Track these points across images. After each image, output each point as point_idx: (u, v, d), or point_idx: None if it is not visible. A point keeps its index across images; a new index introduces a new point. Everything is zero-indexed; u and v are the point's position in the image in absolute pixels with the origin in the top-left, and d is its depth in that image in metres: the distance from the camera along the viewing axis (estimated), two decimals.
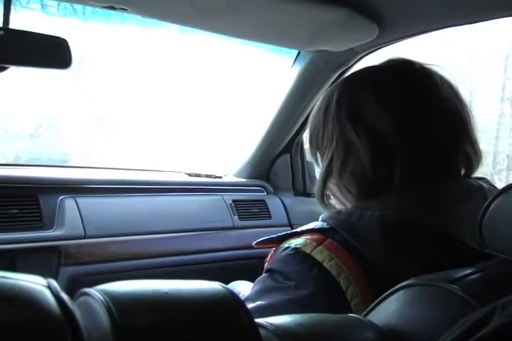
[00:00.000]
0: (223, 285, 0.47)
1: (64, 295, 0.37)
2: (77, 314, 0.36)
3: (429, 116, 0.88)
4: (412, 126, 0.87)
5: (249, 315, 0.45)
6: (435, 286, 0.60)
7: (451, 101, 0.90)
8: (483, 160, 0.93)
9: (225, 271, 1.73)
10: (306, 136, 2.00)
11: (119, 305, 0.40)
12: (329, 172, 0.92)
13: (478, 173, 0.94)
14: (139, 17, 1.40)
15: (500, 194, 0.64)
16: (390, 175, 0.86)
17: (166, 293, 0.43)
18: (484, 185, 0.89)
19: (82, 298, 0.42)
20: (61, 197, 1.55)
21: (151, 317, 0.41)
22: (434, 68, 0.93)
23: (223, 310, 0.44)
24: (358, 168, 0.88)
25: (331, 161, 0.91)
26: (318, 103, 0.98)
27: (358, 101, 0.89)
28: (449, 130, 0.88)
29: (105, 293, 0.41)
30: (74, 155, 2.68)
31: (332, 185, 0.93)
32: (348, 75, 0.98)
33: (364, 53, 1.65)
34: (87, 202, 1.59)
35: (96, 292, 0.41)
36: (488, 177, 0.95)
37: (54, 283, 0.38)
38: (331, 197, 0.96)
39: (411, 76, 0.91)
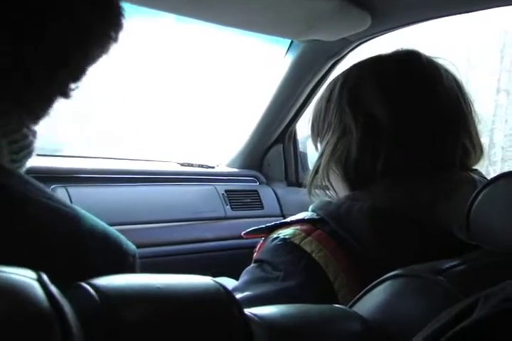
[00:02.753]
0: (215, 279, 0.47)
1: (53, 289, 0.37)
2: (67, 308, 0.36)
3: (428, 107, 0.88)
4: (410, 116, 0.87)
5: (241, 309, 0.45)
6: (420, 277, 0.60)
7: (454, 94, 0.90)
8: (484, 154, 0.93)
9: (217, 261, 1.73)
10: (299, 125, 2.00)
11: (110, 299, 0.40)
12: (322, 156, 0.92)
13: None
14: (132, 5, 1.38)
15: (487, 185, 0.65)
16: (374, 162, 0.86)
17: (158, 287, 0.43)
18: (475, 176, 0.89)
19: (73, 292, 0.42)
20: (52, 186, 1.54)
21: (143, 312, 0.41)
22: (440, 61, 0.93)
23: (215, 305, 0.45)
24: (344, 153, 0.88)
25: (325, 146, 0.92)
26: (323, 89, 0.98)
27: (359, 88, 0.90)
28: (447, 123, 0.88)
29: (96, 286, 0.41)
30: (66, 145, 2.67)
31: (323, 169, 0.93)
32: (354, 63, 0.98)
33: (357, 43, 1.65)
34: (78, 191, 1.58)
35: (86, 285, 0.41)
36: (483, 169, 0.95)
37: (44, 277, 0.38)
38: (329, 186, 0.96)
39: (415, 67, 0.91)
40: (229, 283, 1.30)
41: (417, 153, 0.86)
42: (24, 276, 0.37)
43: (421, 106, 0.88)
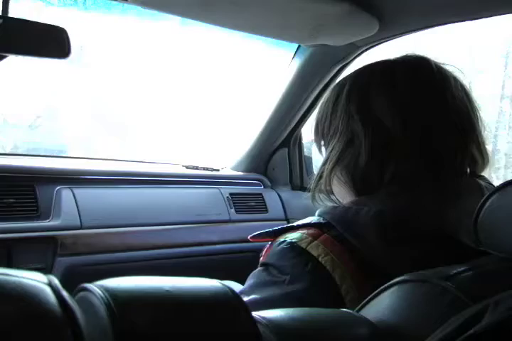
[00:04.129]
0: (224, 283, 0.47)
1: (65, 293, 0.37)
2: (78, 312, 0.36)
3: (438, 116, 0.87)
4: (419, 124, 0.86)
5: (249, 312, 0.45)
6: (428, 282, 0.60)
7: (462, 102, 0.89)
8: (490, 161, 0.93)
9: (221, 264, 1.74)
10: (310, 125, 1.99)
11: (119, 301, 0.40)
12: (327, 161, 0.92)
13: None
14: (139, 8, 1.39)
15: (495, 192, 0.64)
16: (382, 171, 0.86)
17: (167, 290, 0.43)
18: (482, 182, 0.89)
19: (81, 294, 0.42)
20: (58, 187, 1.55)
21: (152, 315, 0.41)
22: (449, 68, 0.92)
23: (223, 308, 0.45)
24: (352, 160, 0.88)
25: (331, 151, 0.91)
26: (328, 91, 0.97)
27: (368, 94, 0.89)
28: (456, 131, 0.88)
29: (106, 289, 0.41)
30: (72, 146, 2.67)
31: (327, 176, 0.92)
32: (363, 66, 0.97)
33: (364, 48, 1.65)
34: (83, 192, 1.59)
35: (96, 288, 0.41)
36: (486, 175, 0.95)
37: (55, 281, 0.38)
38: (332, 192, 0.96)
39: (426, 74, 0.90)
40: (234, 287, 1.30)
41: (426, 163, 0.86)
42: (35, 280, 0.37)
43: (430, 115, 0.87)
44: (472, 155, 0.89)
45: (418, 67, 0.91)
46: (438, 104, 0.88)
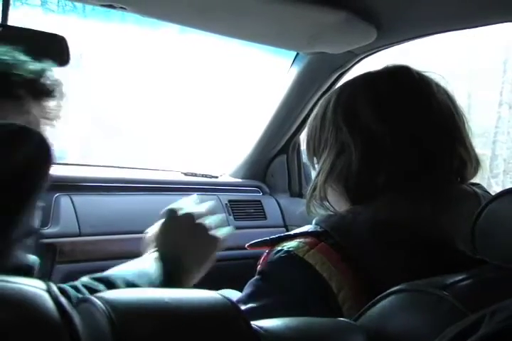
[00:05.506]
0: (223, 294, 0.47)
1: (63, 300, 0.37)
2: (76, 319, 0.36)
3: (423, 122, 0.89)
4: (406, 131, 0.87)
5: (248, 323, 0.45)
6: (425, 292, 0.60)
7: (446, 108, 0.91)
8: (481, 165, 0.94)
9: (220, 271, 1.72)
10: (303, 138, 2.00)
11: (119, 313, 0.40)
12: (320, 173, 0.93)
13: (476, 176, 0.95)
14: (138, 16, 1.40)
15: (493, 200, 0.65)
16: (374, 179, 0.86)
17: (167, 302, 0.43)
18: (478, 190, 0.89)
19: (82, 305, 0.42)
20: (56, 194, 1.55)
21: (152, 326, 0.41)
22: (431, 75, 0.94)
23: (223, 319, 0.45)
24: (344, 170, 0.89)
25: (323, 163, 0.92)
26: (317, 107, 0.99)
27: (354, 105, 0.90)
28: (443, 135, 0.89)
29: (106, 300, 0.41)
30: (71, 153, 2.68)
31: (321, 187, 0.93)
32: (347, 80, 0.99)
33: (363, 56, 1.66)
34: (82, 200, 1.59)
35: (97, 299, 0.41)
36: (485, 181, 0.95)
37: (53, 288, 0.38)
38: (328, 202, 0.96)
39: (408, 82, 0.92)
40: (232, 295, 1.30)
41: (417, 167, 0.87)
42: (34, 287, 0.37)
43: (416, 121, 0.88)
44: (461, 158, 0.90)
45: (400, 75, 0.93)
46: (423, 109, 0.90)
